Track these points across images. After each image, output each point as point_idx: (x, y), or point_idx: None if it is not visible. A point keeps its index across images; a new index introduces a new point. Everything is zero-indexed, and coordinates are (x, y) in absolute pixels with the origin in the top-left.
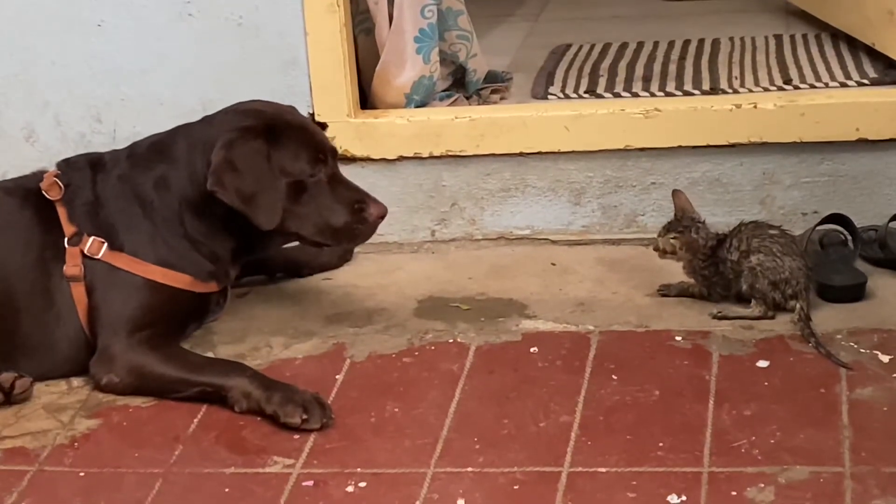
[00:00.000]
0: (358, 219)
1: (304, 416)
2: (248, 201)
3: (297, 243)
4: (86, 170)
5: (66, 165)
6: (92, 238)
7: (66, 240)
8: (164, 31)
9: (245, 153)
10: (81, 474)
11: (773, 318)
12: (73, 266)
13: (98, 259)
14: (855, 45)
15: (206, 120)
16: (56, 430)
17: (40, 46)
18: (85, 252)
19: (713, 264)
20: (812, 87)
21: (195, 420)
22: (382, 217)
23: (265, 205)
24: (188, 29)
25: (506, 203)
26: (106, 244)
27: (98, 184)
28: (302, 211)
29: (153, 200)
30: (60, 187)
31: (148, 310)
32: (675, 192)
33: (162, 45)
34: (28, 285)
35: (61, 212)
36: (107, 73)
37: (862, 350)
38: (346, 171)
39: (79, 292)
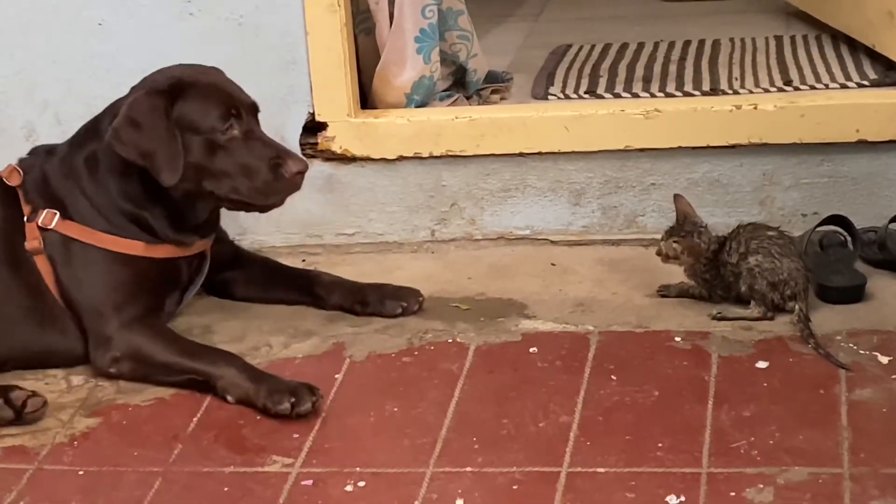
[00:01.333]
0: (275, 175)
1: (293, 400)
2: (146, 157)
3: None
4: (41, 155)
5: (28, 154)
6: (45, 211)
7: (25, 218)
8: (164, 31)
9: (144, 110)
10: (81, 473)
11: (772, 319)
12: (32, 239)
13: (52, 230)
14: (855, 47)
15: (130, 90)
16: (55, 429)
17: (41, 45)
18: (39, 224)
19: (714, 267)
20: (812, 88)
21: (194, 419)
22: (301, 173)
23: (164, 160)
24: (188, 28)
25: (506, 203)
26: (58, 214)
27: (46, 165)
28: (216, 169)
29: (85, 177)
30: (20, 173)
31: (120, 284)
32: (676, 197)
33: (162, 45)
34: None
35: (21, 194)
36: (107, 72)
37: (861, 351)
38: (346, 171)
39: (43, 264)
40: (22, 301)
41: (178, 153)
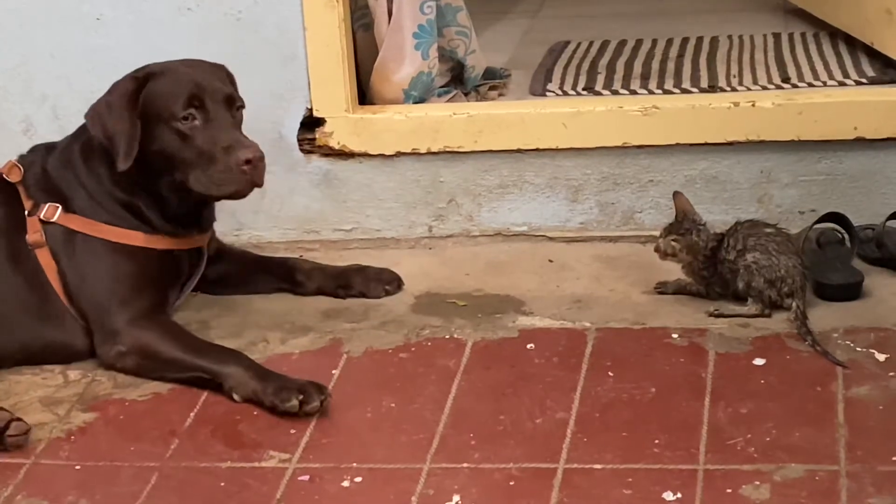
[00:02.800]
0: (227, 164)
1: (301, 397)
2: (109, 139)
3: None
4: (41, 151)
5: (29, 151)
6: (47, 204)
7: (26, 212)
8: (163, 26)
9: (117, 93)
10: (77, 467)
11: (769, 316)
12: (34, 233)
13: (55, 223)
14: (853, 44)
15: None
16: (52, 424)
17: (39, 39)
18: (41, 218)
19: (712, 265)
20: (810, 85)
21: (191, 414)
22: (249, 161)
23: (122, 145)
24: (187, 23)
25: (503, 199)
26: (60, 208)
27: (48, 160)
28: (180, 158)
29: (80, 166)
30: (20, 169)
31: (123, 277)
32: (676, 194)
33: (161, 40)
34: (1, 259)
35: (21, 190)
36: (105, 66)
37: (858, 348)
38: (344, 167)
39: (45, 257)
40: (22, 296)
41: (135, 139)
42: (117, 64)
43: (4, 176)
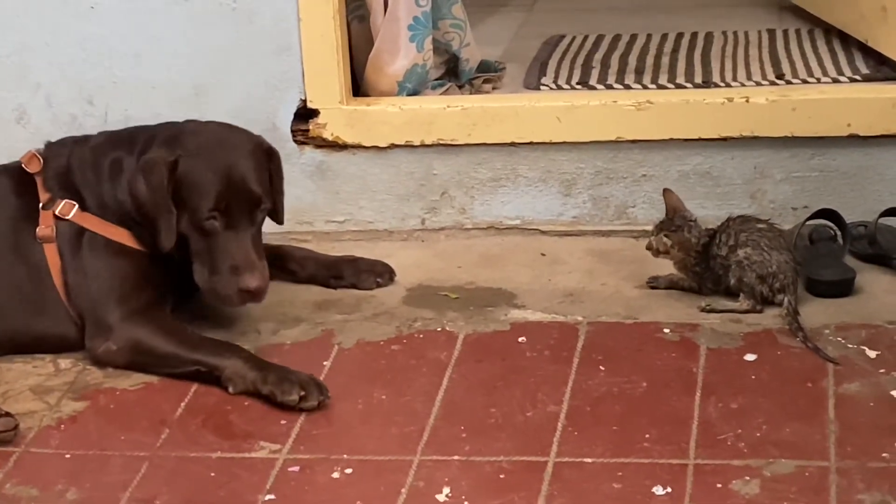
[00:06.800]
0: (226, 282)
1: (302, 394)
2: (144, 217)
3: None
4: (68, 145)
5: (53, 143)
6: (64, 201)
7: (41, 205)
8: (157, 15)
9: (155, 181)
10: (67, 456)
11: (760, 311)
12: (45, 227)
13: (69, 220)
14: (847, 41)
15: (173, 126)
16: (43, 412)
17: (33, 28)
18: (57, 214)
19: (704, 260)
20: (804, 82)
21: (182, 404)
22: (251, 291)
23: (162, 229)
24: (182, 13)
25: (496, 193)
26: (76, 206)
27: (73, 155)
28: (197, 249)
29: (106, 179)
30: (39, 160)
31: (127, 276)
32: (666, 192)
33: (155, 29)
34: (6, 248)
35: (38, 181)
36: (99, 55)
37: (849, 345)
38: (337, 158)
39: (51, 252)
40: (22, 286)
41: (173, 223)
42: (111, 52)
43: (24, 166)
